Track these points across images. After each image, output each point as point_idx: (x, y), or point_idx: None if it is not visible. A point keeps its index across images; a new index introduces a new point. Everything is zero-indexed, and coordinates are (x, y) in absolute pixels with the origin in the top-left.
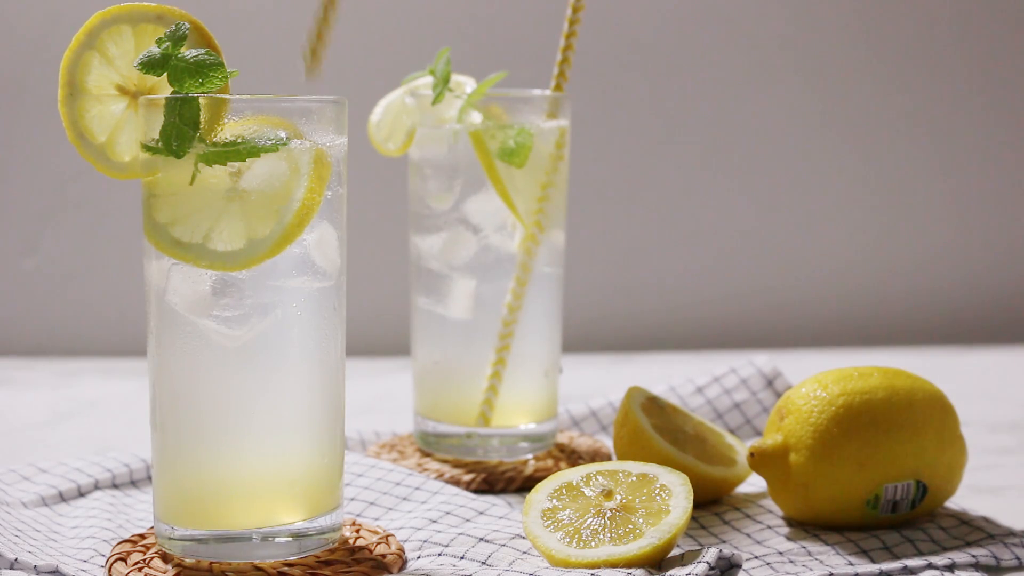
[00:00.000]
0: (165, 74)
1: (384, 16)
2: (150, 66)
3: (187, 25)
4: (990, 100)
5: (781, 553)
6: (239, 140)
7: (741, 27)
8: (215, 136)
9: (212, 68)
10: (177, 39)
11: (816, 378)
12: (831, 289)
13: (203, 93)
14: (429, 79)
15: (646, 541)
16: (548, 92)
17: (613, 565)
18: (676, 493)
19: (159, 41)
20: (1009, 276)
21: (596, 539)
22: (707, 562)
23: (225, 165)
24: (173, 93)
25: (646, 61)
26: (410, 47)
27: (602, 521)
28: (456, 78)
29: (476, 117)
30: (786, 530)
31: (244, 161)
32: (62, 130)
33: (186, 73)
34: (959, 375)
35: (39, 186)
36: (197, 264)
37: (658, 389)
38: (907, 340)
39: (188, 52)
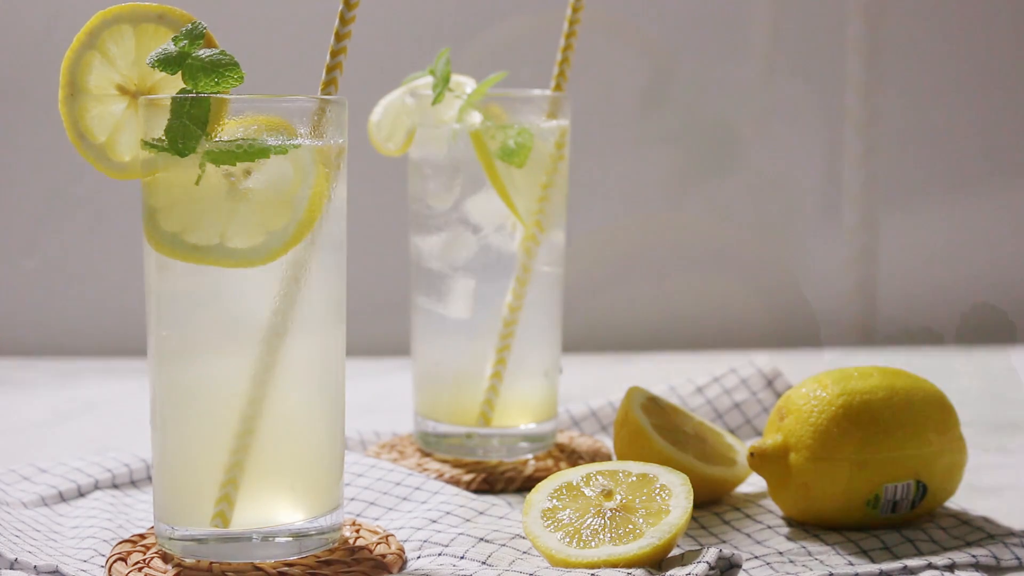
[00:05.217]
0: (167, 74)
1: (384, 16)
2: (166, 63)
3: (204, 24)
4: (991, 99)
5: (781, 553)
6: (246, 139)
7: (741, 27)
8: (216, 136)
9: (228, 68)
10: (194, 37)
11: (816, 378)
12: (831, 289)
13: (215, 93)
14: (429, 79)
15: (646, 541)
16: (548, 92)
17: (613, 565)
18: (676, 493)
19: (176, 39)
20: (1009, 275)
21: (596, 539)
22: (707, 562)
23: (234, 165)
24: (180, 92)
25: (646, 60)
26: (410, 47)
27: (602, 521)
28: (456, 78)
29: (476, 117)
30: (786, 530)
31: (254, 161)
32: (62, 130)
33: (202, 72)
34: (959, 375)
35: (39, 186)
36: (219, 265)
37: (658, 389)
38: (907, 340)
39: (202, 51)
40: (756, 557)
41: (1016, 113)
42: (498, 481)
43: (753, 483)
